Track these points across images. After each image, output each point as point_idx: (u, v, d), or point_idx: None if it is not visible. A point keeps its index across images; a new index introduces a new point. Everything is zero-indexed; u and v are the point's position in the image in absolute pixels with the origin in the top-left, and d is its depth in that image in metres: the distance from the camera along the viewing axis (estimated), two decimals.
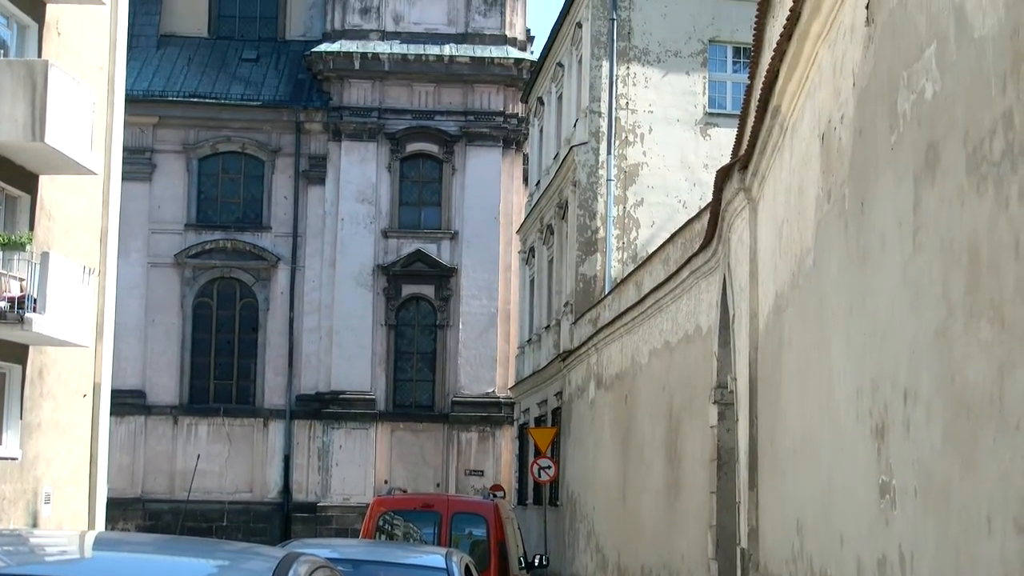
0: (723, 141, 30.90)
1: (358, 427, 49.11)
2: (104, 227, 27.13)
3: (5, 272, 23.04)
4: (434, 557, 13.28)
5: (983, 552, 6.56)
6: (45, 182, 24.75)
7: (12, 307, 22.70)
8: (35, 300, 22.92)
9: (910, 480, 8.02)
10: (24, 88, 22.55)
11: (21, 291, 22.94)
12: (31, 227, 24.13)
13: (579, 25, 35.33)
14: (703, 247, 20.93)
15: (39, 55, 24.38)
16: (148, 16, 51.31)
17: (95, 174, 25.42)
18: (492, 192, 50.05)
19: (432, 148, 50.35)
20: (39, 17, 24.68)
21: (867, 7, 9.47)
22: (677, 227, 25.75)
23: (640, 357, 26.75)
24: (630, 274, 29.32)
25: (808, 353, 12.20)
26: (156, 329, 49.41)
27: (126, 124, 29.70)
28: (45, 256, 23.18)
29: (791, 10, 11.96)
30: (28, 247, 23.23)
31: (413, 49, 49.86)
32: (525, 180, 49.60)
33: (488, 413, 49.55)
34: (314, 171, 50.23)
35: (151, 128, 49.44)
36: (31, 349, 24.46)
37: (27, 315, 22.66)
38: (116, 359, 30.74)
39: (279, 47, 52.48)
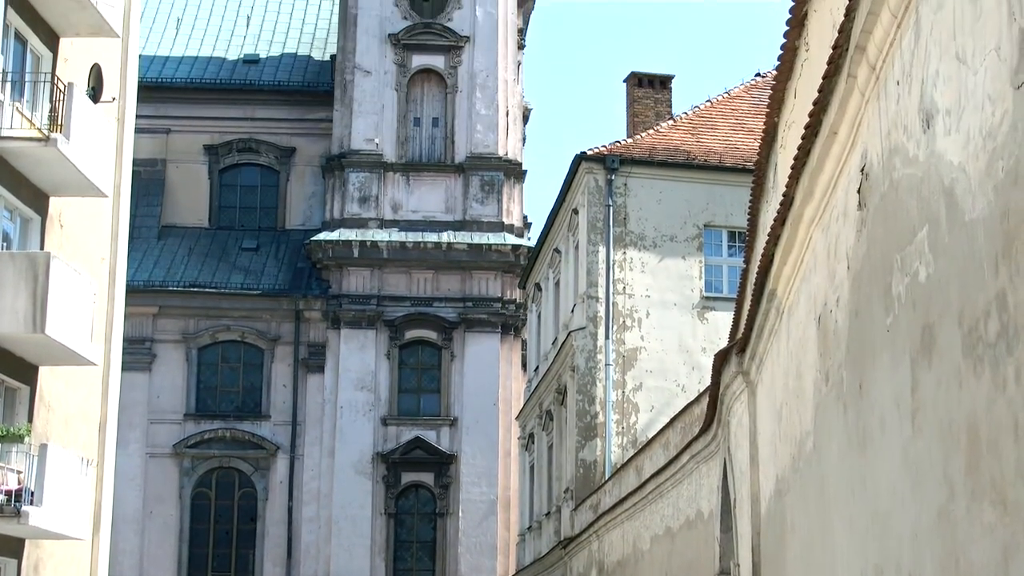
0: (721, 324, 31.01)
1: None
2: (103, 418, 27.09)
3: (3, 465, 22.93)
4: None
5: None
6: (45, 373, 24.79)
7: (9, 501, 22.53)
8: (32, 493, 22.76)
9: None
10: (26, 280, 22.73)
11: (19, 484, 22.79)
12: (30, 418, 24.08)
13: (575, 211, 35.74)
14: (703, 431, 20.87)
15: (41, 247, 24.63)
16: (150, 208, 51.99)
17: (95, 365, 25.47)
18: (491, 378, 50.07)
19: (431, 335, 50.52)
20: (42, 210, 24.99)
21: (859, 191, 9.62)
22: (676, 411, 25.70)
23: (642, 543, 26.46)
24: (630, 459, 29.16)
25: (811, 537, 12.09)
26: (154, 521, 48.95)
27: (126, 314, 29.86)
28: (43, 448, 23.09)
29: (784, 195, 12.14)
30: (26, 439, 23.15)
31: (411, 236, 50.37)
32: (524, 366, 49.65)
33: None
34: (313, 359, 50.31)
35: (151, 318, 49.67)
36: (27, 543, 24.21)
37: (24, 508, 22.49)
38: (113, 552, 30.40)
39: (279, 236, 53.04)
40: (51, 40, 25.47)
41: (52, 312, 22.89)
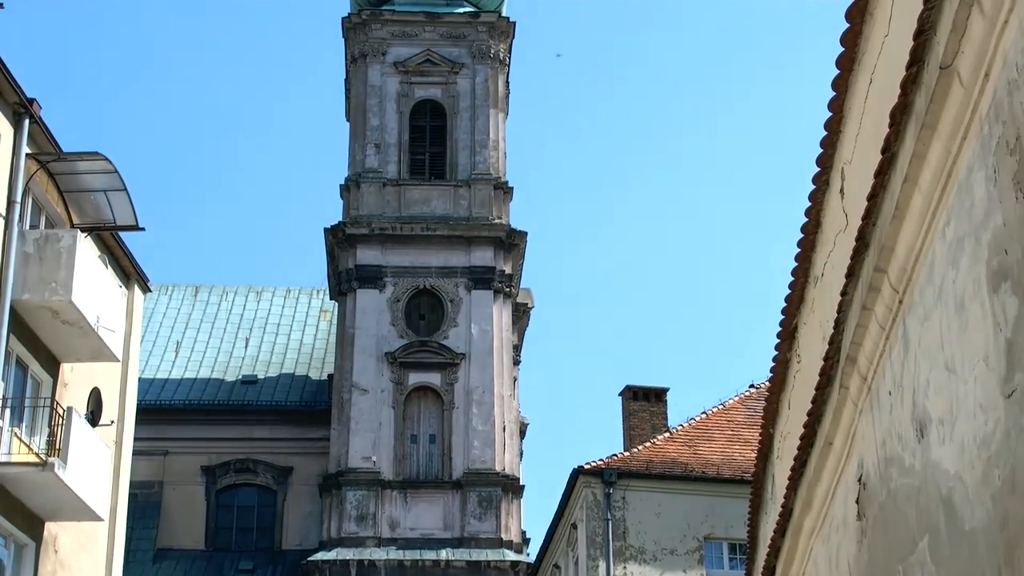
0: None
1: None
2: None
3: None
4: None
5: None
6: None
7: None
8: None
9: None
10: None
11: None
12: None
13: (574, 526, 35.44)
14: None
15: (35, 574, 24.31)
16: (146, 530, 51.50)
17: None
18: None
19: None
20: (37, 536, 24.79)
21: (857, 501, 9.61)
22: None
23: None
24: None
25: None
26: None
27: None
28: None
29: (783, 506, 12.11)
30: None
31: (409, 555, 49.74)
32: None
33: None
34: None
35: None
36: None
37: None
38: None
39: (275, 557, 52.41)
40: (51, 365, 25.77)
41: None
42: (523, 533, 52.28)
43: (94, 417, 27.37)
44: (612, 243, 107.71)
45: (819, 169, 10.68)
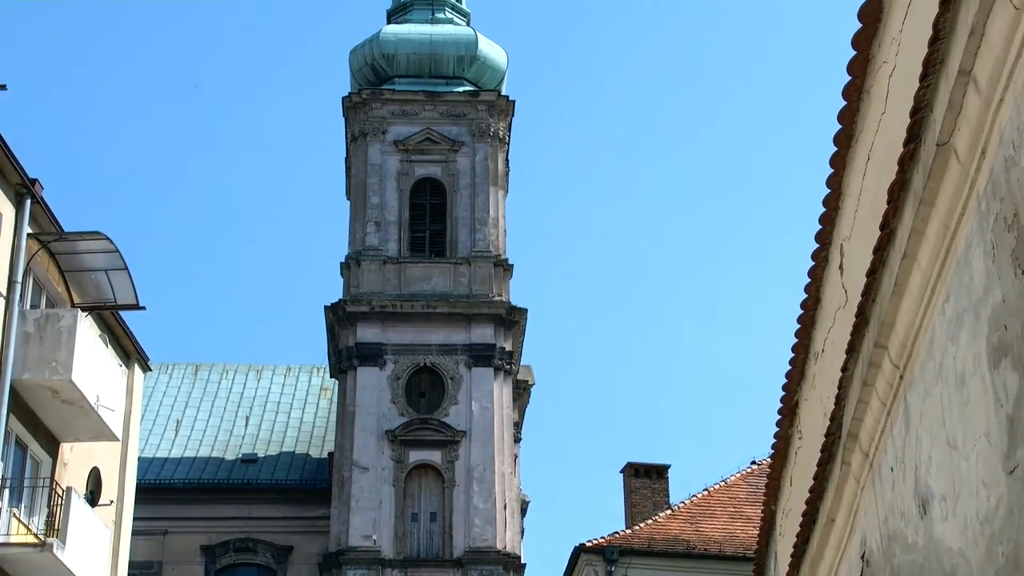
0: None
1: None
2: None
3: None
4: None
5: None
6: None
7: None
8: None
9: None
10: None
11: None
12: None
13: None
14: None
15: None
16: None
17: None
18: None
19: None
20: None
21: None
22: None
23: None
24: None
25: None
26: None
27: None
28: None
29: None
30: None
31: None
32: None
33: None
34: None
35: None
36: None
37: None
38: None
39: None
40: (51, 445, 25.70)
41: None
42: None
43: (93, 497, 27.26)
44: (613, 319, 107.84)
45: (818, 245, 10.72)
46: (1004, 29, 6.19)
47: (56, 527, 23.92)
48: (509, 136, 57.16)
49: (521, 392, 56.77)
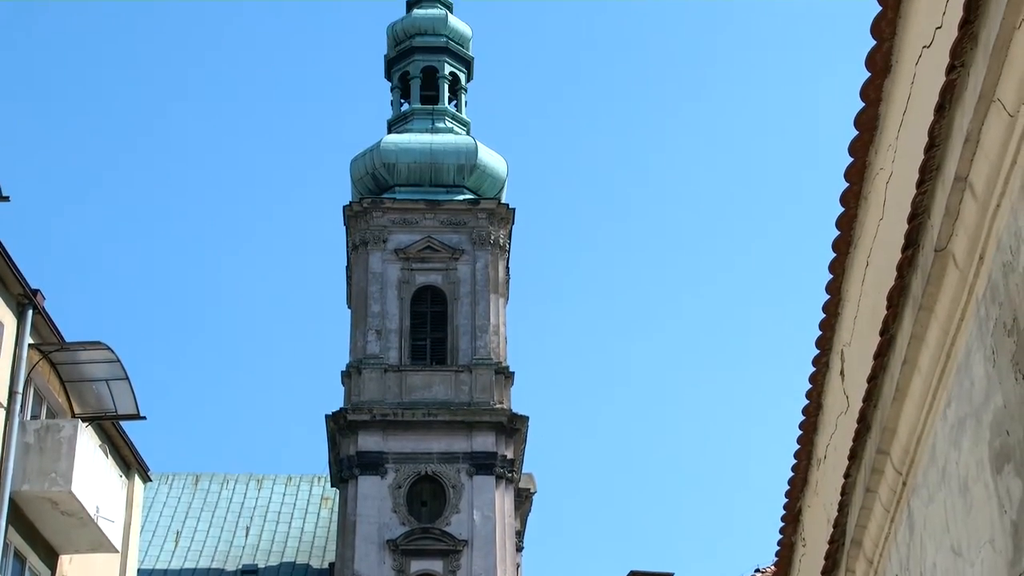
0: None
1: None
2: None
3: None
4: None
5: None
6: None
7: None
8: None
9: None
10: None
11: None
12: None
13: None
14: None
15: None
16: None
17: None
18: None
19: None
20: None
21: None
22: None
23: None
24: None
25: None
26: None
27: None
28: None
29: None
30: None
31: None
32: None
33: None
34: None
35: None
36: None
37: None
38: None
39: None
40: (50, 557, 25.51)
41: None
42: None
43: None
44: (614, 426, 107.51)
45: (819, 351, 10.73)
46: (998, 136, 6.25)
47: None
48: (509, 243, 57.41)
49: (523, 500, 56.46)
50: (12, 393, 24.18)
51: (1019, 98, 6.01)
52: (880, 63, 8.22)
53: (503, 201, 57.18)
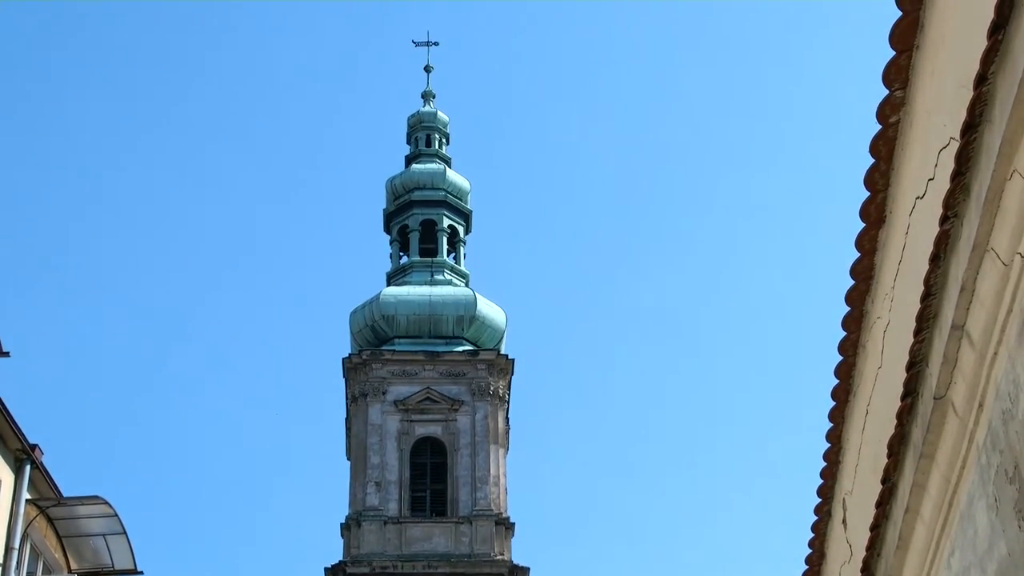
0: None
1: None
2: None
3: None
4: None
5: None
6: None
7: None
8: None
9: None
10: None
11: None
12: None
13: None
14: None
15: None
16: None
17: None
18: None
19: None
20: None
21: None
22: None
23: None
24: None
25: None
26: None
27: None
28: None
29: None
30: None
31: None
32: None
33: None
34: None
35: None
36: None
37: None
38: None
39: None
40: None
41: None
42: None
43: None
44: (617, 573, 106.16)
45: (820, 499, 10.69)
46: (994, 285, 6.32)
47: None
48: (509, 394, 57.31)
49: None
50: (8, 549, 23.95)
51: (1013, 247, 6.09)
52: (875, 214, 8.32)
53: (502, 352, 57.19)
